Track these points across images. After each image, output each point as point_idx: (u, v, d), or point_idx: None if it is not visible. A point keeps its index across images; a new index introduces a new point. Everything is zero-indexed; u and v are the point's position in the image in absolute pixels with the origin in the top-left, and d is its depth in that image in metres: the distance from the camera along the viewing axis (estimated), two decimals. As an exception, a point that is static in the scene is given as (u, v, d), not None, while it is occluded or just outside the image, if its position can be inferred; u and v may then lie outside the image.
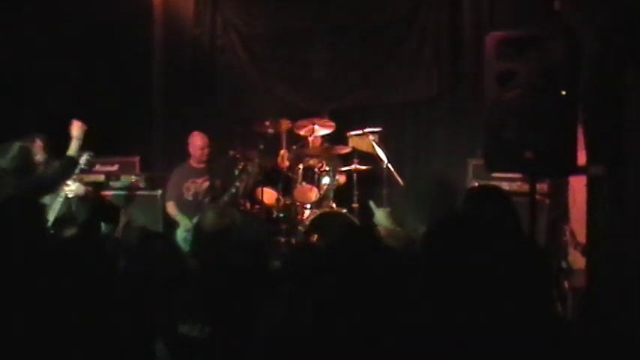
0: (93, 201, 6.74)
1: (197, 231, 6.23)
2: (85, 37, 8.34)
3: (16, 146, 5.37)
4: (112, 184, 7.83)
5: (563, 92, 4.55)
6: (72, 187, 6.32)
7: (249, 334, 2.77)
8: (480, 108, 5.06)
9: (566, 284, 5.81)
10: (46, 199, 6.12)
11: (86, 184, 6.69)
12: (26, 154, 5.46)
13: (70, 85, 8.17)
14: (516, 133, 4.65)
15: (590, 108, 5.19)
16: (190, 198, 7.50)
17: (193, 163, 7.61)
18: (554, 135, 4.57)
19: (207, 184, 7.50)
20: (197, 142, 7.56)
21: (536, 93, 4.61)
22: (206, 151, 7.55)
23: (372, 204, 7.23)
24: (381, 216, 6.96)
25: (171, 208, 7.53)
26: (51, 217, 6.12)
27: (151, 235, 3.66)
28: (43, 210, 4.56)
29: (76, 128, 5.76)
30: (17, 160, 5.33)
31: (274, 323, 2.85)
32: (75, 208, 6.42)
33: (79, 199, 6.49)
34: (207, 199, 7.44)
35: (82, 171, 6.39)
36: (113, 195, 7.69)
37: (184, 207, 7.47)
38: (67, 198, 6.28)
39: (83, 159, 6.27)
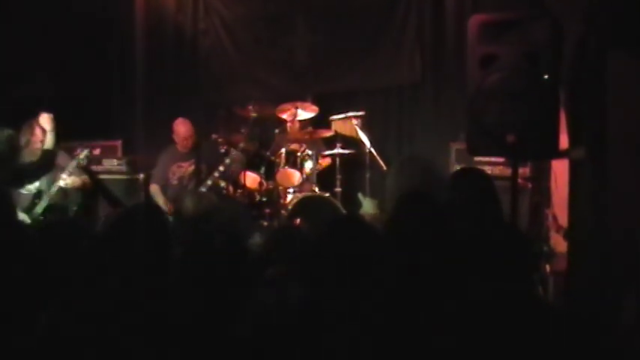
0: (91, 186, 6.76)
1: (177, 217, 6.24)
2: (67, 21, 8.28)
3: (4, 133, 5.33)
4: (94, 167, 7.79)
5: (546, 76, 4.55)
6: (68, 181, 6.32)
7: (234, 321, 2.75)
8: (463, 92, 5.06)
9: (547, 268, 5.83)
10: (43, 186, 6.14)
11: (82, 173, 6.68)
12: (12, 142, 5.42)
13: (52, 69, 8.11)
14: (498, 117, 4.66)
15: (572, 91, 5.19)
16: (175, 182, 7.46)
17: (179, 147, 7.56)
18: (536, 118, 4.58)
19: (192, 168, 7.46)
20: (181, 131, 7.49)
21: (518, 76, 4.63)
22: (190, 140, 7.48)
23: (360, 195, 7.25)
24: (368, 206, 6.98)
25: (155, 190, 7.48)
26: (43, 204, 6.17)
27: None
28: (10, 198, 4.56)
29: (46, 121, 5.72)
30: (4, 148, 5.29)
31: (260, 310, 2.84)
32: (70, 197, 6.44)
33: (75, 189, 6.51)
34: (191, 184, 7.40)
35: (85, 165, 6.47)
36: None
37: (169, 191, 7.43)
38: (62, 188, 6.30)
39: (83, 155, 6.37)
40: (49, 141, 5.68)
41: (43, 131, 5.74)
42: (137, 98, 9.14)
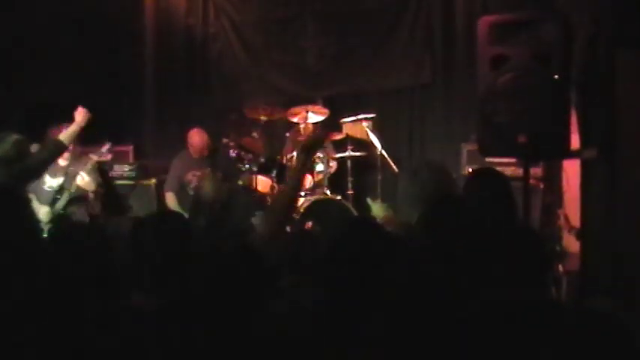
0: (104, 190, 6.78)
1: (196, 200, 6.27)
2: (77, 26, 8.31)
3: (12, 137, 5.35)
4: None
5: (556, 76, 4.55)
6: (85, 180, 6.34)
7: (248, 329, 2.74)
8: (474, 93, 5.05)
9: (560, 268, 5.82)
10: (64, 182, 6.28)
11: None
12: (21, 146, 5.43)
13: (62, 73, 8.14)
14: (509, 117, 4.65)
15: (582, 91, 5.19)
16: (192, 192, 7.43)
17: (193, 153, 7.55)
18: (548, 118, 4.57)
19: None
20: (196, 141, 7.47)
21: (529, 76, 4.61)
22: (206, 151, 7.48)
23: (368, 200, 7.24)
24: (377, 209, 6.96)
25: (170, 199, 7.47)
26: (65, 199, 6.28)
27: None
28: (28, 201, 4.58)
29: (81, 115, 5.72)
30: (11, 151, 5.30)
31: (273, 320, 2.82)
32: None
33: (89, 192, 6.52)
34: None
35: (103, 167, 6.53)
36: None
37: (186, 199, 7.40)
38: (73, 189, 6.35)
39: (105, 149, 6.46)
40: (69, 132, 5.67)
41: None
42: (148, 103, 9.17)
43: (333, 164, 8.03)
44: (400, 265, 2.93)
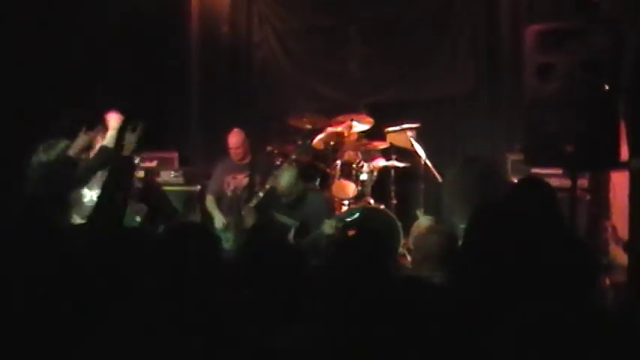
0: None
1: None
2: (123, 34, 8.40)
3: (62, 144, 5.39)
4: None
5: (606, 86, 4.49)
6: None
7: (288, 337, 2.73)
8: (518, 102, 5.01)
9: (607, 280, 5.74)
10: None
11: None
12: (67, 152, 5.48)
13: (108, 82, 8.22)
14: (557, 127, 4.61)
15: (632, 101, 5.12)
16: (229, 193, 7.50)
17: (233, 158, 7.59)
18: (596, 128, 4.52)
19: (246, 180, 7.48)
20: (231, 141, 7.49)
21: (578, 86, 4.57)
22: (240, 150, 7.49)
23: (418, 212, 7.24)
24: (425, 221, 6.94)
25: (209, 202, 7.53)
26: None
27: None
28: (68, 206, 4.61)
29: (114, 119, 5.76)
30: (60, 158, 5.34)
31: (315, 327, 2.81)
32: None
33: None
34: (244, 195, 7.42)
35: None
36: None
37: (222, 202, 7.48)
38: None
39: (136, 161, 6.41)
40: (108, 138, 5.71)
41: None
42: (193, 110, 9.23)
43: (376, 173, 8.01)
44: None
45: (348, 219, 6.50)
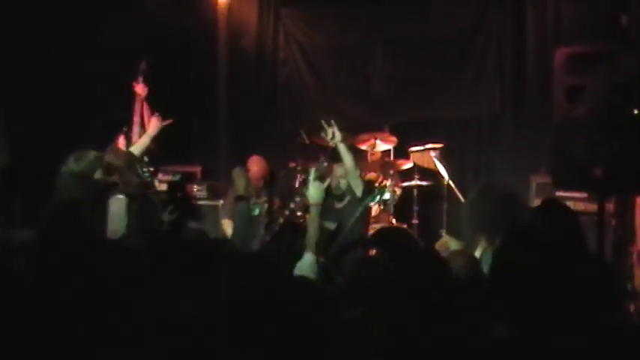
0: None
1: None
2: (151, 50, 8.44)
3: (91, 154, 5.42)
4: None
5: (635, 110, 4.46)
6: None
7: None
8: (543, 124, 4.99)
9: (631, 307, 5.67)
10: None
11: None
12: (99, 163, 5.51)
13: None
14: (585, 150, 4.55)
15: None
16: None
17: (251, 180, 7.51)
18: (625, 152, 4.47)
19: (266, 205, 7.26)
20: (254, 170, 7.23)
21: (607, 108, 4.53)
22: (261, 181, 7.33)
23: (443, 232, 7.18)
24: (451, 243, 6.88)
25: (227, 226, 7.42)
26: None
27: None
28: (101, 213, 4.62)
29: (154, 125, 5.76)
30: (90, 168, 5.37)
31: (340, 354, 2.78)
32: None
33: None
34: (264, 220, 7.20)
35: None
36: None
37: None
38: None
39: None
40: (139, 144, 5.69)
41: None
42: (218, 124, 9.27)
43: (398, 192, 7.97)
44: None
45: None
